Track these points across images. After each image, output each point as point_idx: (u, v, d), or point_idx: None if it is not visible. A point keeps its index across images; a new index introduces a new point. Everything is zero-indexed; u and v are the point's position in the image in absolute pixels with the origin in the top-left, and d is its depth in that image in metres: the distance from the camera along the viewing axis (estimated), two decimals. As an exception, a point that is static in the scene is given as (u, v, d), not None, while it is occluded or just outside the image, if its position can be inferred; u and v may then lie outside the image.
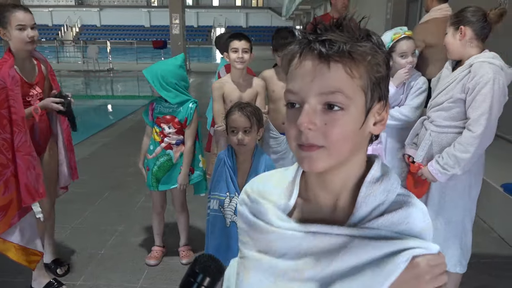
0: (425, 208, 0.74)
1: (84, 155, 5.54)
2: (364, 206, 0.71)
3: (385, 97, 0.70)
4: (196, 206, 3.38)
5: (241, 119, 1.99)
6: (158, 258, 3.00)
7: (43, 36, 40.57)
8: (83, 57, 18.32)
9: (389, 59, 0.70)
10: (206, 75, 14.48)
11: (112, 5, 45.14)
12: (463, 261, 2.31)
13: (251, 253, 0.78)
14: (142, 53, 22.39)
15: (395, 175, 0.74)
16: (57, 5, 44.89)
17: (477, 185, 2.27)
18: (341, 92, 0.65)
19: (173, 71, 2.68)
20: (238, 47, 2.76)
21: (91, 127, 7.44)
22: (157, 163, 2.79)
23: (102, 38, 36.75)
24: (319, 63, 0.65)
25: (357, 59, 0.65)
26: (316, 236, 0.71)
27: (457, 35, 2.13)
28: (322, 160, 0.67)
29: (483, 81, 2.01)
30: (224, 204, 2.05)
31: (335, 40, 0.64)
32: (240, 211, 0.83)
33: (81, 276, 2.82)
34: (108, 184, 4.50)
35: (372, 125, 0.70)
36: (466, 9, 2.13)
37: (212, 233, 2.10)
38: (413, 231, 0.70)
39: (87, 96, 11.96)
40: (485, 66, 2.03)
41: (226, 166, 2.05)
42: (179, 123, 2.75)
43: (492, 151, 2.52)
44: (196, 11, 45.11)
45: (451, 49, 2.18)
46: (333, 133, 0.65)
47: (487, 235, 3.38)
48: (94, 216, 3.74)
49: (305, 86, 0.66)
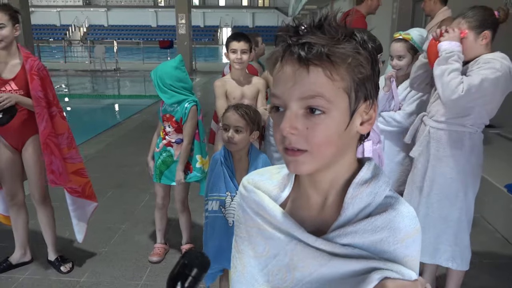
0: (412, 212, 0.74)
1: (90, 154, 5.59)
2: (351, 207, 0.72)
3: (371, 96, 0.69)
4: (198, 205, 3.40)
5: (233, 117, 2.00)
6: (161, 255, 3.03)
7: (51, 36, 40.89)
8: (90, 57, 18.44)
9: (374, 57, 0.69)
10: (212, 75, 14.51)
11: (119, 5, 45.35)
12: (458, 259, 2.31)
13: (247, 249, 0.81)
14: (148, 53, 22.51)
15: (386, 178, 0.74)
16: (65, 5, 45.18)
17: (474, 185, 2.26)
18: (321, 96, 0.64)
19: (169, 72, 2.74)
20: (237, 48, 2.81)
21: (97, 126, 7.51)
22: (160, 157, 2.89)
23: (109, 38, 36.94)
24: (299, 67, 0.65)
25: (337, 62, 0.64)
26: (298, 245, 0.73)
27: (479, 39, 2.08)
28: (307, 163, 0.68)
29: (489, 64, 2.01)
30: (226, 204, 2.04)
31: (314, 43, 0.64)
32: (238, 203, 0.85)
33: (85, 273, 2.85)
34: (113, 182, 4.53)
35: (359, 125, 0.70)
36: (485, 12, 2.07)
37: (212, 235, 2.08)
38: (396, 237, 0.70)
39: (94, 95, 12.05)
40: (494, 61, 2.03)
41: (224, 166, 2.05)
42: (176, 123, 2.81)
43: (495, 152, 2.52)
44: (203, 11, 45.18)
45: (470, 52, 2.11)
46: (315, 137, 0.66)
47: (491, 236, 3.36)
48: (99, 214, 3.75)
49: (286, 90, 0.66)
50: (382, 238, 0.70)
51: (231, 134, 1.99)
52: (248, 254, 0.80)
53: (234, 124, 1.99)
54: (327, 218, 0.74)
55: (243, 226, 0.82)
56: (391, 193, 0.74)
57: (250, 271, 0.79)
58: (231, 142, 2.00)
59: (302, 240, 0.72)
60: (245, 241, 0.81)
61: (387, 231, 0.70)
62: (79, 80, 15.01)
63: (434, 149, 2.25)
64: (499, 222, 3.44)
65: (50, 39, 38.96)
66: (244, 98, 2.89)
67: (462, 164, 2.20)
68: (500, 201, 3.42)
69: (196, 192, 3.15)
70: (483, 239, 3.24)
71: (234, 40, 2.83)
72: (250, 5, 46.83)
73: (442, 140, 2.21)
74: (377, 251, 0.70)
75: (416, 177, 2.36)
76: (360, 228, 0.70)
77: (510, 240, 3.26)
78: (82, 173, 2.86)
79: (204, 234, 2.14)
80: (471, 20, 2.08)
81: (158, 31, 43.05)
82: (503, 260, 3.05)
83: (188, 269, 0.70)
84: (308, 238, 0.72)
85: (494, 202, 3.46)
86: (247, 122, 2.00)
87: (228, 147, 2.04)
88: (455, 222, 2.26)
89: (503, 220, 3.39)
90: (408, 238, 0.71)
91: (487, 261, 2.98)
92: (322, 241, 0.71)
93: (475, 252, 2.37)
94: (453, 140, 2.19)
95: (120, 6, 45.31)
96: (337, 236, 0.71)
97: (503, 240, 3.31)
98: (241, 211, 0.83)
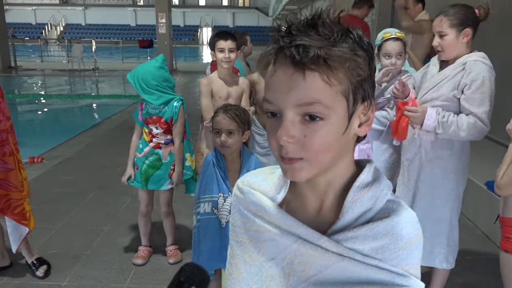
0: (415, 217, 0.71)
1: (69, 155, 5.48)
2: (351, 212, 0.69)
3: (369, 97, 0.67)
4: (181, 206, 3.37)
5: (224, 121, 1.98)
6: (145, 257, 2.98)
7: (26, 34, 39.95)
8: (67, 56, 18.08)
9: (371, 56, 0.66)
10: (192, 75, 14.43)
11: (97, 4, 44.68)
12: (450, 258, 2.35)
13: (242, 254, 0.78)
14: (128, 53, 22.22)
15: (387, 181, 0.71)
16: (41, 4, 44.24)
17: (463, 182, 2.31)
18: (319, 103, 0.61)
19: (153, 72, 2.69)
20: (225, 47, 2.78)
21: (76, 127, 7.36)
22: (146, 162, 2.81)
23: (87, 37, 36.34)
24: (294, 72, 0.61)
25: (334, 66, 0.61)
26: (301, 245, 0.70)
27: (460, 37, 2.10)
28: (304, 170, 0.65)
29: (480, 79, 2.04)
30: (218, 205, 2.01)
31: (309, 45, 0.60)
32: (233, 206, 0.82)
33: (66, 277, 2.78)
34: (94, 184, 4.44)
35: (357, 127, 0.68)
36: (466, 10, 2.10)
37: (205, 237, 2.03)
38: (398, 244, 0.67)
39: (72, 95, 11.82)
40: (479, 64, 2.06)
41: (216, 167, 2.03)
42: (165, 123, 2.76)
43: (476, 150, 2.56)
44: (183, 10, 44.90)
45: (450, 51, 2.13)
46: (313, 145, 0.63)
47: (471, 232, 3.43)
48: (80, 216, 3.70)
49: (281, 97, 0.63)
50: (383, 245, 0.67)
51: (224, 138, 1.97)
52: (243, 260, 0.77)
53: (226, 128, 1.97)
54: (324, 221, 0.71)
55: (239, 230, 0.79)
56: (392, 197, 0.71)
57: (245, 277, 0.77)
58: (224, 146, 1.98)
59: (306, 239, 0.69)
60: (241, 246, 0.78)
61: (389, 238, 0.67)
62: (56, 80, 14.70)
63: (426, 151, 2.26)
64: (479, 219, 3.51)
65: (25, 38, 38.04)
66: (230, 98, 2.88)
67: (454, 163, 2.23)
68: (480, 198, 3.49)
69: (179, 194, 3.11)
70: (464, 236, 3.27)
71: (221, 39, 2.79)
72: (230, 5, 46.76)
73: (434, 142, 2.23)
74: (378, 258, 0.68)
75: (408, 181, 2.36)
76: (361, 233, 0.67)
77: (490, 236, 3.32)
78: None
79: (196, 238, 2.09)
80: (452, 18, 2.09)
81: (137, 30, 42.60)
82: (484, 256, 3.11)
83: None
84: (313, 235, 0.68)
85: (475, 199, 3.53)
86: (238, 124, 1.99)
87: (222, 151, 2.02)
88: (448, 221, 2.29)
89: (483, 217, 3.46)
90: (410, 245, 0.68)
91: (469, 258, 3.04)
92: (327, 239, 0.68)
93: (458, 250, 2.41)
94: (444, 141, 2.21)
95: (98, 4, 44.65)
96: (336, 240, 0.68)
97: (483, 236, 3.38)
98: (238, 214, 0.80)
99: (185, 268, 0.68)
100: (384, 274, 0.66)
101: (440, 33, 2.13)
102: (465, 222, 3.54)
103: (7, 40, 15.79)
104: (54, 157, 5.36)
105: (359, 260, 0.66)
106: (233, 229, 0.81)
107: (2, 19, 15.32)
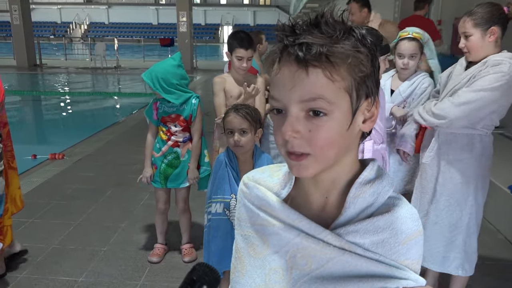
0: (415, 213, 0.73)
1: (89, 152, 5.57)
2: (353, 207, 0.70)
3: (373, 93, 0.68)
4: (198, 204, 3.37)
5: (236, 120, 1.97)
6: (160, 255, 3.00)
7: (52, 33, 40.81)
8: (90, 55, 18.39)
9: (374, 53, 0.67)
10: (213, 73, 14.43)
11: (120, 3, 45.26)
12: (466, 265, 2.27)
13: (247, 248, 0.79)
14: (149, 51, 22.46)
15: (389, 179, 0.73)
16: (66, 3, 45.10)
17: (484, 188, 2.22)
18: (322, 98, 0.63)
19: (173, 72, 2.70)
20: (244, 56, 2.71)
21: (97, 124, 7.49)
22: (164, 161, 2.83)
23: (110, 35, 36.85)
24: (298, 69, 0.63)
25: (336, 62, 0.63)
26: (304, 238, 0.71)
27: (486, 37, 2.02)
28: (310, 167, 0.67)
29: (494, 71, 1.96)
30: (230, 206, 2.01)
31: (312, 43, 0.62)
32: (239, 201, 0.84)
33: (83, 273, 2.82)
34: (113, 180, 4.50)
35: (361, 123, 0.69)
36: (492, 8, 2.01)
37: (215, 238, 2.04)
38: (398, 239, 0.69)
39: (94, 93, 12.02)
40: (504, 62, 1.97)
41: (228, 168, 2.02)
42: (184, 121, 2.78)
43: (499, 152, 2.48)
44: (204, 9, 45.09)
45: (477, 51, 2.06)
46: (318, 139, 0.65)
47: (493, 237, 3.33)
48: (98, 213, 3.75)
49: (286, 93, 0.65)
50: (383, 239, 0.69)
51: (237, 138, 1.96)
52: (248, 253, 0.79)
53: (239, 127, 1.97)
54: (328, 217, 0.72)
55: (245, 224, 0.81)
56: (394, 194, 0.73)
57: (249, 270, 0.78)
58: (238, 146, 1.97)
59: (308, 233, 0.70)
60: (246, 240, 0.80)
61: (388, 232, 0.69)
62: (79, 77, 14.98)
63: (444, 153, 2.20)
64: (502, 223, 3.41)
65: (50, 36, 38.89)
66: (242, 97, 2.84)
67: (474, 167, 2.15)
68: (503, 202, 3.39)
69: (195, 192, 3.12)
70: (486, 241, 3.20)
71: (242, 47, 2.69)
72: (251, 3, 46.73)
73: (453, 144, 2.16)
74: (377, 252, 0.69)
75: (426, 183, 2.30)
76: (361, 227, 0.69)
77: (513, 241, 3.23)
78: None
79: (206, 236, 2.09)
80: (475, 17, 2.02)
81: (159, 29, 42.98)
82: (506, 262, 3.02)
83: (196, 286, 0.68)
84: (315, 229, 0.70)
85: (497, 203, 3.43)
86: (250, 123, 1.98)
87: (236, 151, 2.01)
88: (465, 228, 2.22)
89: (505, 221, 3.36)
90: (410, 240, 0.70)
91: (490, 263, 2.95)
92: (329, 233, 0.69)
93: (478, 254, 2.34)
94: (463, 143, 2.14)
95: (121, 3, 45.22)
96: (338, 233, 0.70)
97: (505, 241, 3.28)
98: (244, 208, 0.82)
99: (197, 268, 0.71)
100: (383, 267, 0.68)
101: (464, 34, 2.06)
102: (487, 226, 3.44)
103: (33, 38, 16.17)
104: (75, 154, 5.46)
105: (359, 254, 0.68)
106: (239, 223, 0.83)
107: (28, 18, 15.71)
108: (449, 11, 7.23)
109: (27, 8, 15.70)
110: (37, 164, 5.12)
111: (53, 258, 2.98)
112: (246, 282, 0.78)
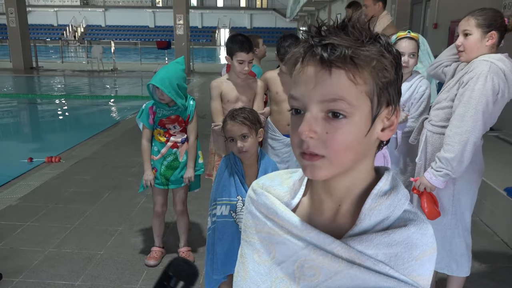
0: (431, 230, 0.71)
1: (86, 155, 5.55)
2: (368, 219, 0.68)
3: (394, 102, 0.67)
4: (194, 207, 3.37)
5: (234, 127, 1.97)
6: (158, 258, 2.99)
7: (48, 36, 40.74)
8: (87, 57, 18.37)
9: (399, 62, 0.67)
10: (210, 76, 14.46)
11: (117, 6, 45.24)
12: (453, 265, 2.27)
13: (252, 254, 0.78)
14: (146, 54, 22.45)
15: (405, 191, 0.71)
16: (62, 5, 45.03)
17: (469, 191, 2.19)
18: (343, 100, 0.62)
19: (183, 76, 2.77)
20: (245, 60, 2.72)
21: (94, 127, 7.46)
22: (164, 163, 2.84)
23: (107, 38, 36.83)
24: (321, 69, 0.63)
25: (360, 65, 0.62)
26: (311, 250, 0.69)
27: (484, 39, 2.04)
28: (324, 169, 0.65)
29: (476, 77, 1.97)
30: (237, 208, 2.00)
31: (337, 45, 0.62)
32: (247, 207, 0.82)
33: (80, 277, 2.80)
34: (109, 184, 4.49)
35: (380, 131, 0.68)
36: (495, 13, 2.04)
37: (220, 240, 2.02)
38: (412, 254, 0.67)
39: (90, 96, 11.99)
40: (484, 63, 1.99)
41: (234, 171, 2.02)
42: (183, 121, 2.82)
43: (495, 155, 2.49)
44: (201, 11, 45.13)
45: (472, 52, 2.07)
46: (334, 142, 0.63)
47: (490, 239, 3.34)
48: (95, 216, 3.73)
49: (306, 92, 0.64)
50: (397, 252, 0.67)
51: (240, 144, 1.96)
52: (252, 259, 0.78)
53: (239, 134, 1.97)
54: (340, 226, 0.71)
55: (250, 231, 0.80)
56: (410, 208, 0.71)
57: (253, 276, 0.77)
58: (242, 152, 1.97)
59: (317, 244, 0.69)
60: (251, 246, 0.79)
61: (403, 246, 0.67)
62: (76, 80, 14.94)
63: (429, 153, 2.21)
64: (498, 225, 3.42)
65: (47, 39, 38.81)
66: (239, 101, 2.83)
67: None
68: (499, 204, 3.40)
69: (192, 195, 3.12)
70: (483, 243, 3.21)
71: (243, 51, 2.69)
72: (248, 6, 46.80)
73: (437, 145, 2.17)
74: (390, 265, 0.67)
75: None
76: (376, 239, 0.67)
77: (510, 243, 3.24)
78: None
79: (211, 239, 2.07)
80: (479, 18, 2.04)
81: (155, 31, 42.97)
82: (503, 264, 3.02)
83: (173, 282, 0.65)
84: (324, 241, 0.68)
85: (493, 205, 3.44)
86: (249, 126, 1.98)
87: (241, 157, 2.01)
88: (448, 229, 2.21)
89: (502, 224, 3.37)
90: (424, 257, 0.68)
91: (487, 265, 2.96)
92: (340, 243, 0.67)
93: (475, 256, 2.35)
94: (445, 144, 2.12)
95: (118, 6, 45.20)
96: (351, 242, 0.68)
97: (502, 243, 3.29)
98: (250, 215, 0.80)
99: (174, 263, 0.69)
100: (392, 282, 0.66)
101: (464, 32, 2.07)
102: (483, 229, 3.46)
103: (29, 41, 16.14)
104: (71, 157, 5.44)
105: (369, 267, 0.66)
106: (244, 229, 0.82)
107: (24, 21, 15.68)
108: (445, 15, 7.26)
109: (24, 10, 15.68)
110: (34, 167, 5.11)
111: (49, 262, 2.97)
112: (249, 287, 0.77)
